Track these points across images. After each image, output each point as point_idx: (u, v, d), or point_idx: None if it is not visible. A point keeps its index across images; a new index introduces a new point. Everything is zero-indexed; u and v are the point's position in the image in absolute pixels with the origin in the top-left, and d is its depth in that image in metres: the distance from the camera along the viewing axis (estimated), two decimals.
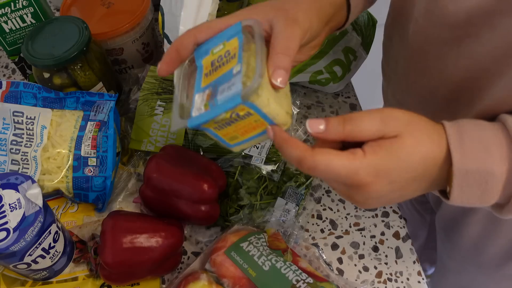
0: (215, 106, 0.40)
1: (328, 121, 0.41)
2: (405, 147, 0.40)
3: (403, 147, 0.40)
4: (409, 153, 0.40)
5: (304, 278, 0.55)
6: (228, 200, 0.68)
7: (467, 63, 0.51)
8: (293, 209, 0.67)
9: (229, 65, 0.41)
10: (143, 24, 0.78)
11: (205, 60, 0.44)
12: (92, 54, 0.71)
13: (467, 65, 0.51)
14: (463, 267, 0.82)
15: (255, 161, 0.69)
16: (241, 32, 0.43)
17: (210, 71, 0.43)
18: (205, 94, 0.42)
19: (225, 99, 0.40)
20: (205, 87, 0.42)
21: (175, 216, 0.64)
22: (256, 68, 0.39)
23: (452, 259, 0.84)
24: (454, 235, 0.77)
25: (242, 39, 0.42)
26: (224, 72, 0.42)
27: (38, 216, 0.56)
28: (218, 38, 0.44)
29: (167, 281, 0.65)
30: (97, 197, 0.68)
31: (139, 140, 0.74)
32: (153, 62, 0.85)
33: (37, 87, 0.69)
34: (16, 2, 0.70)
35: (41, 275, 0.63)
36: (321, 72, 0.77)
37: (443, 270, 0.92)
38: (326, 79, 0.78)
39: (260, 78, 0.39)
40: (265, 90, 0.40)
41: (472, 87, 0.52)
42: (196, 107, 0.42)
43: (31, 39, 0.68)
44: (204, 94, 0.42)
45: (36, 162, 0.66)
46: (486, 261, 0.73)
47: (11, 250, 0.54)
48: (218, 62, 0.43)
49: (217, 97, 0.40)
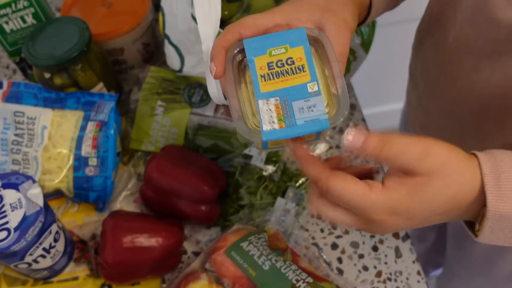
0: (295, 126, 0.39)
1: (369, 139, 0.38)
2: (432, 188, 0.38)
3: (429, 189, 0.38)
4: (434, 194, 0.38)
5: (304, 277, 0.55)
6: (228, 200, 0.68)
7: (501, 80, 0.49)
8: (293, 209, 0.67)
9: (299, 78, 0.40)
10: (144, 25, 0.78)
11: (259, 58, 0.41)
12: (93, 54, 0.71)
13: (500, 82, 0.49)
14: (471, 275, 0.81)
15: (255, 161, 0.69)
16: (308, 42, 0.41)
17: (268, 74, 0.41)
18: (272, 104, 0.40)
19: (308, 121, 0.39)
20: (269, 94, 0.40)
21: (175, 216, 0.64)
22: (342, 99, 0.39)
23: (460, 266, 0.83)
24: (466, 244, 0.76)
25: (310, 51, 0.41)
26: (293, 84, 0.40)
27: (39, 216, 0.56)
28: (275, 38, 0.42)
29: (167, 280, 0.65)
30: (98, 197, 0.68)
31: (140, 140, 0.74)
32: (153, 62, 0.85)
33: (38, 87, 0.69)
34: (17, 2, 0.71)
35: (42, 275, 0.63)
36: None
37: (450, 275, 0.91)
38: None
39: (347, 110, 0.39)
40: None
41: (502, 105, 0.50)
42: (266, 119, 0.40)
43: (32, 39, 0.69)
44: (270, 104, 0.40)
45: (37, 162, 0.66)
46: (496, 273, 0.72)
47: (12, 249, 0.54)
48: (279, 67, 0.41)
49: (295, 116, 0.39)
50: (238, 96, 0.41)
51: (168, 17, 0.72)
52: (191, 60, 0.72)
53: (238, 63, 0.43)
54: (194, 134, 0.72)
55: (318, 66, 0.41)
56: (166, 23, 0.72)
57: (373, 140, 0.38)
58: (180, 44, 0.72)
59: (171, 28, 0.72)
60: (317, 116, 0.39)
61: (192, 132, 0.72)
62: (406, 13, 1.14)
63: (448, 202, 0.38)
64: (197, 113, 0.73)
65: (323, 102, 0.39)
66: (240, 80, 0.42)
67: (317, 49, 0.42)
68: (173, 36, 0.72)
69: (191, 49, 0.71)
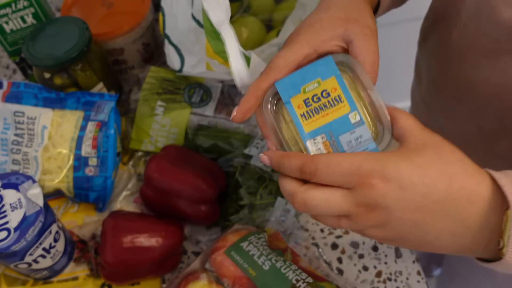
0: None
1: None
2: (425, 156, 0.35)
3: (423, 155, 0.35)
4: (427, 161, 0.34)
5: (304, 277, 0.55)
6: (228, 200, 0.68)
7: (499, 80, 0.49)
8: (293, 209, 0.67)
9: (339, 110, 0.40)
10: (144, 25, 0.78)
11: (295, 98, 0.41)
12: (93, 54, 0.71)
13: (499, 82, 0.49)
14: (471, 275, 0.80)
15: (255, 161, 0.69)
16: (338, 70, 0.41)
17: (308, 112, 0.41)
18: (319, 143, 0.40)
19: None
20: (314, 132, 0.41)
21: (175, 216, 0.64)
22: (384, 127, 0.39)
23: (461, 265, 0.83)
24: None
25: (343, 79, 0.41)
26: (335, 117, 0.40)
27: (39, 216, 0.56)
28: (305, 74, 0.42)
29: (167, 280, 0.65)
30: (98, 197, 0.68)
31: (140, 140, 0.74)
32: (153, 62, 0.85)
33: (38, 87, 0.69)
34: (17, 2, 0.71)
35: (42, 275, 0.63)
36: None
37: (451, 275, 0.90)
38: None
39: (391, 135, 0.39)
40: None
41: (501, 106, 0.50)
42: None
43: (32, 39, 0.69)
44: (318, 143, 0.40)
45: (37, 162, 0.66)
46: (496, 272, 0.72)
47: (12, 249, 0.54)
48: (316, 102, 0.41)
49: (346, 151, 0.40)
50: (282, 138, 0.42)
51: (168, 17, 0.72)
52: (191, 60, 0.72)
53: (273, 105, 0.43)
54: (194, 134, 0.72)
55: (354, 92, 0.41)
56: (166, 23, 0.72)
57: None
58: (180, 44, 0.72)
59: (171, 28, 0.72)
60: (366, 146, 0.40)
61: (192, 132, 0.72)
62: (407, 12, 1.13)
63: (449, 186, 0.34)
64: (197, 113, 0.73)
65: (368, 131, 0.40)
66: (279, 120, 0.42)
67: (348, 74, 0.42)
68: (173, 36, 0.72)
69: (191, 49, 0.71)
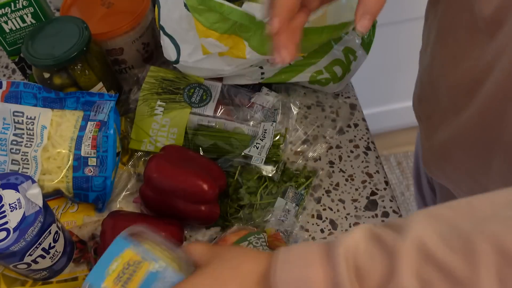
0: None
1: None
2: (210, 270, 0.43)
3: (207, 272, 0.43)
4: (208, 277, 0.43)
5: None
6: (228, 200, 0.68)
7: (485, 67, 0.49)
8: (293, 209, 0.67)
9: (143, 268, 0.44)
10: (143, 24, 0.78)
11: (107, 281, 0.44)
12: (92, 54, 0.71)
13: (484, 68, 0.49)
14: None
15: (255, 161, 0.69)
16: (130, 241, 0.46)
17: (123, 286, 0.44)
18: None
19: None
20: None
21: (175, 216, 0.64)
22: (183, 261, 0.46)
23: None
24: None
25: (139, 245, 0.45)
26: (142, 276, 0.44)
27: (38, 216, 0.56)
28: (105, 260, 0.45)
29: None
30: (97, 197, 0.68)
31: (139, 140, 0.74)
32: (153, 62, 0.85)
33: (37, 87, 0.69)
34: (16, 2, 0.70)
35: (41, 275, 0.63)
36: (321, 72, 0.77)
37: None
38: (326, 79, 0.78)
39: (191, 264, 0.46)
40: None
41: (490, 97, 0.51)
42: None
43: (31, 39, 0.68)
44: None
45: (36, 162, 0.66)
46: None
47: (11, 250, 0.54)
48: (125, 274, 0.44)
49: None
50: None
51: (163, 9, 0.71)
52: (186, 48, 0.71)
53: None
54: (194, 134, 0.72)
55: (152, 248, 0.45)
56: (161, 15, 0.72)
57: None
58: (175, 33, 0.71)
59: (165, 18, 0.71)
60: (173, 280, 0.44)
61: (192, 132, 0.72)
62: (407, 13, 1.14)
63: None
64: (197, 113, 0.73)
65: (173, 270, 0.44)
66: None
67: (142, 238, 0.46)
68: (168, 26, 0.71)
69: (185, 37, 0.70)
